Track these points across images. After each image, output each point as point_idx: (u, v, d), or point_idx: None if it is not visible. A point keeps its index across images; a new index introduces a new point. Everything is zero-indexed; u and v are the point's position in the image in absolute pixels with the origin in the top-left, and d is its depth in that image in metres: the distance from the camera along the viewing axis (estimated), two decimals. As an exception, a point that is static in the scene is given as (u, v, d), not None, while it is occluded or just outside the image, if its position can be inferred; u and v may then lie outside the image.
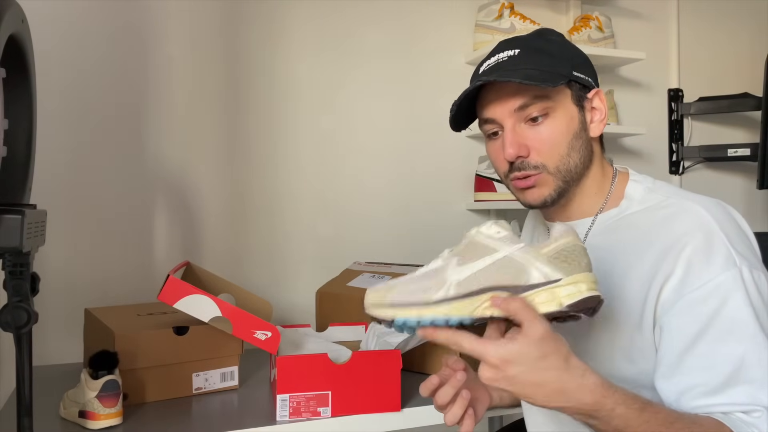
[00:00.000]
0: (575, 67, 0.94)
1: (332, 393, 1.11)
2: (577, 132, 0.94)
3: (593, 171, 0.97)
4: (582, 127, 0.95)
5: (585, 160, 0.95)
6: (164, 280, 1.14)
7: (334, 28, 1.83)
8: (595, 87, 0.97)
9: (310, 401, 1.11)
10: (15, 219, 0.78)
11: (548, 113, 0.93)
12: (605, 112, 0.97)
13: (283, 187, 1.77)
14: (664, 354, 0.85)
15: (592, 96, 0.97)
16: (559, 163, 0.94)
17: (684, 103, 2.23)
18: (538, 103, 0.92)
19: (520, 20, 1.86)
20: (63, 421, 1.11)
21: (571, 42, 1.00)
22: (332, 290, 1.54)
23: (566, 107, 0.94)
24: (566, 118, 0.94)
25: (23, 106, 0.94)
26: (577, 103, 0.95)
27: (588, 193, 0.98)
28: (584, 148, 0.95)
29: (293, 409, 1.10)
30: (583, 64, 0.96)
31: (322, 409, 1.11)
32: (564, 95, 0.94)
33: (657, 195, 0.94)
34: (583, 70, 0.96)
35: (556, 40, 0.98)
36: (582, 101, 0.95)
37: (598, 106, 0.97)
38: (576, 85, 0.95)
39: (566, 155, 0.94)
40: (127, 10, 1.62)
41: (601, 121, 0.97)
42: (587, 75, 0.96)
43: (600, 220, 0.97)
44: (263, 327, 1.14)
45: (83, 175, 1.58)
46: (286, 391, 1.10)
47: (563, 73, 0.92)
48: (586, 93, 0.96)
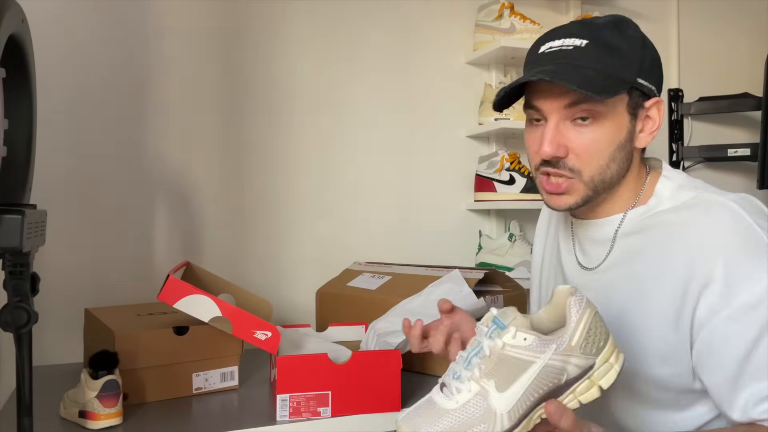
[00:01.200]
0: (642, 72, 0.88)
1: (332, 393, 1.11)
2: (622, 143, 0.89)
3: (628, 178, 0.94)
4: (629, 137, 0.90)
5: (622, 170, 0.91)
6: (164, 280, 1.14)
7: (334, 27, 1.83)
8: (657, 95, 0.91)
9: (310, 401, 1.11)
10: (15, 219, 0.78)
11: (597, 118, 0.88)
12: (659, 123, 0.91)
13: (283, 187, 1.77)
14: (722, 364, 0.83)
15: (651, 105, 0.91)
16: (595, 173, 0.89)
17: (684, 103, 2.23)
18: (589, 105, 0.87)
19: (520, 20, 1.86)
20: (63, 421, 1.11)
21: (647, 39, 0.91)
22: (332, 290, 1.54)
23: (618, 115, 0.88)
24: (614, 126, 0.88)
25: (23, 106, 0.94)
26: (631, 111, 0.89)
27: (619, 198, 0.95)
28: (625, 159, 0.90)
29: (293, 409, 1.10)
30: (651, 68, 0.90)
31: (322, 409, 1.11)
32: (620, 102, 0.88)
33: (687, 192, 0.91)
34: (650, 75, 0.89)
35: (632, 36, 0.90)
36: (637, 109, 0.90)
37: (653, 116, 0.91)
38: (636, 92, 0.89)
39: (605, 166, 0.89)
40: (127, 10, 1.62)
41: (651, 132, 0.92)
42: (652, 82, 0.90)
43: (629, 217, 0.94)
44: (263, 327, 1.14)
45: (83, 175, 1.58)
46: (286, 391, 1.10)
47: (626, 80, 0.86)
48: (644, 101, 0.90)
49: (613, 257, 0.96)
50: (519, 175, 1.84)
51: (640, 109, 0.90)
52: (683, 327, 0.85)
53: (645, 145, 0.93)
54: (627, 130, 0.89)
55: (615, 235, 0.95)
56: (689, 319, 0.85)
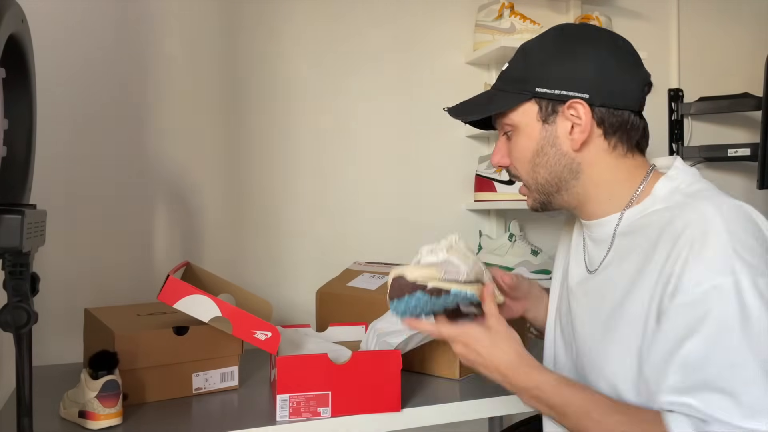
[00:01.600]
0: (544, 81, 0.94)
1: (332, 393, 1.11)
2: (539, 149, 0.96)
3: (596, 177, 0.96)
4: (549, 142, 0.96)
5: (560, 173, 0.96)
6: (164, 280, 1.14)
7: (334, 28, 1.83)
8: (575, 98, 0.93)
9: (310, 401, 1.10)
10: (15, 219, 0.78)
11: (515, 131, 0.99)
12: (584, 123, 0.93)
13: (283, 187, 1.77)
14: (655, 354, 0.86)
15: (567, 108, 0.94)
16: (528, 178, 1.00)
17: (684, 103, 2.23)
18: (501, 122, 1.00)
19: (520, 20, 1.86)
20: (63, 421, 1.11)
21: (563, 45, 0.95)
22: (332, 290, 1.54)
23: (527, 125, 0.97)
24: (526, 136, 0.97)
25: (23, 106, 0.94)
26: (543, 119, 0.95)
27: (611, 197, 0.97)
28: (555, 163, 0.96)
29: (293, 410, 1.10)
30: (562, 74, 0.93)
31: (322, 409, 1.11)
32: (527, 112, 0.96)
33: (680, 194, 0.92)
34: (560, 81, 0.93)
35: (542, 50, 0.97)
36: (552, 116, 0.95)
37: (571, 118, 0.94)
38: (545, 101, 0.95)
39: (531, 171, 0.98)
40: (127, 10, 1.62)
41: (579, 132, 0.94)
42: (564, 87, 0.93)
43: (626, 216, 0.96)
44: (263, 327, 1.14)
45: (83, 175, 1.58)
46: (286, 392, 1.09)
47: (524, 91, 0.95)
48: (560, 106, 0.94)
49: (610, 257, 0.98)
50: (519, 175, 1.84)
51: (555, 114, 0.95)
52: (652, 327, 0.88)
53: (575, 146, 0.95)
54: (541, 137, 0.96)
55: (614, 235, 0.97)
56: (655, 318, 0.87)
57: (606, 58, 0.94)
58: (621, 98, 0.94)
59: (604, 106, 0.94)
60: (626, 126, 0.95)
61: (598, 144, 0.96)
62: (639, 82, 0.95)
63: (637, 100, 0.96)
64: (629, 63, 0.96)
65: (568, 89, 0.93)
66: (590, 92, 0.93)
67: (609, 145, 0.96)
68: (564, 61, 0.94)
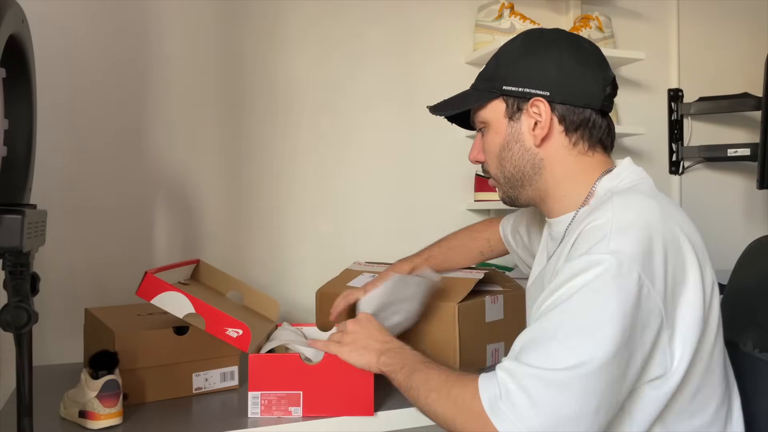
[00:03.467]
0: (510, 79, 0.99)
1: (303, 393, 1.11)
2: (506, 144, 1.01)
3: (556, 174, 1.00)
4: (514, 138, 1.00)
5: (524, 168, 1.01)
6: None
7: (334, 27, 1.83)
8: (536, 95, 0.97)
9: (282, 400, 1.11)
10: (15, 219, 0.78)
11: (486, 127, 1.04)
12: (544, 119, 0.97)
13: (283, 187, 1.77)
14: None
15: (530, 105, 0.98)
16: (496, 172, 1.05)
17: (684, 103, 2.23)
18: (475, 119, 1.07)
19: (520, 20, 1.86)
20: (63, 421, 1.11)
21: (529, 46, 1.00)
22: (332, 290, 1.54)
23: (496, 121, 1.02)
24: (494, 132, 1.03)
25: (23, 106, 0.94)
26: (510, 116, 1.00)
27: (567, 196, 1.01)
28: (519, 158, 1.01)
29: (264, 407, 1.11)
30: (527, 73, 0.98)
31: (294, 408, 1.11)
32: (496, 110, 1.02)
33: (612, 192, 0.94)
34: (524, 80, 0.98)
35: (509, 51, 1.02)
36: (518, 113, 1.00)
37: (533, 115, 0.99)
38: (511, 99, 1.00)
39: (499, 165, 1.04)
40: (127, 10, 1.62)
41: (540, 129, 0.98)
42: (528, 85, 0.98)
43: (578, 215, 0.99)
44: (235, 325, 1.15)
45: (83, 175, 1.58)
46: (258, 389, 1.10)
47: (492, 90, 1.01)
48: (524, 104, 0.99)
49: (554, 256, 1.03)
50: (519, 175, 1.84)
51: (520, 112, 1.00)
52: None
53: (536, 142, 0.99)
54: (507, 133, 1.01)
55: (564, 233, 1.01)
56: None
57: (568, 58, 0.98)
58: (581, 97, 0.97)
59: (564, 104, 0.98)
60: (587, 124, 0.98)
61: (559, 141, 0.99)
62: (601, 82, 0.98)
63: (599, 99, 0.98)
64: (591, 63, 0.99)
65: (531, 87, 0.98)
66: (551, 90, 0.97)
67: (570, 141, 0.99)
68: (529, 61, 0.99)
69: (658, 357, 0.84)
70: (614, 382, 0.80)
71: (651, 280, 0.81)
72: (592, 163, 1.00)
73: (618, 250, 0.81)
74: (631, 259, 0.81)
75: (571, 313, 0.81)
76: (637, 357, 0.81)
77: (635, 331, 0.80)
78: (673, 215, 0.89)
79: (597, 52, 1.01)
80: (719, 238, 2.28)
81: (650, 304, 0.81)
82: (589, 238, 0.85)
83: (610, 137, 1.02)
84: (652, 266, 0.82)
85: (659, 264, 0.83)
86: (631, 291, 0.80)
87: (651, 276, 0.81)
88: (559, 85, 0.97)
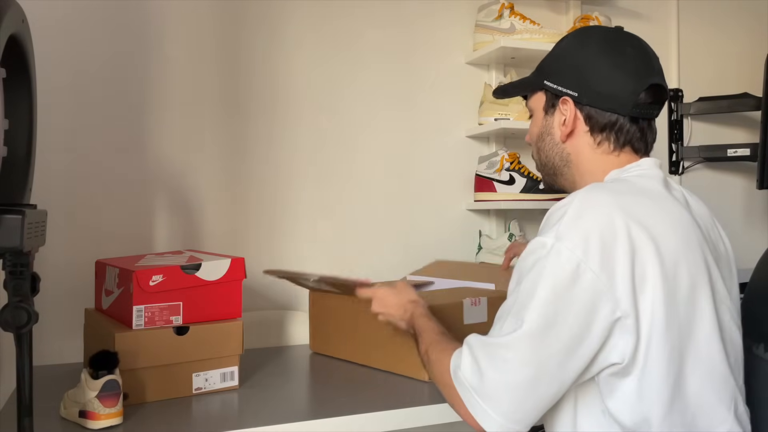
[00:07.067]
0: (551, 76, 1.05)
1: (183, 304, 1.22)
2: (541, 135, 1.09)
3: (581, 168, 1.05)
4: (547, 131, 1.08)
5: (553, 160, 1.08)
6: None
7: (334, 28, 1.83)
8: (567, 95, 1.03)
9: (164, 311, 1.21)
10: (15, 219, 0.79)
11: (533, 114, 1.12)
12: (568, 118, 1.03)
13: (283, 187, 1.77)
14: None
15: (561, 103, 1.04)
16: (536, 158, 1.13)
17: (684, 103, 2.23)
18: (528, 105, 1.13)
19: (520, 20, 1.86)
20: (63, 421, 1.11)
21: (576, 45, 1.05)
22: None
23: (537, 112, 1.10)
24: (536, 121, 1.11)
25: (23, 106, 0.95)
26: (546, 109, 1.08)
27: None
28: (549, 150, 1.08)
29: (148, 319, 1.19)
30: (563, 72, 1.04)
31: (174, 317, 1.22)
32: (539, 101, 1.09)
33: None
34: (561, 78, 1.04)
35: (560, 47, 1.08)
36: (552, 108, 1.06)
37: (563, 112, 1.04)
38: (550, 93, 1.06)
39: (537, 152, 1.12)
40: (127, 10, 1.62)
41: (565, 126, 1.04)
42: (564, 84, 1.03)
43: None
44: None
45: (83, 175, 1.58)
46: (142, 303, 1.19)
47: (537, 83, 1.08)
48: (557, 99, 1.05)
49: None
50: (519, 175, 1.84)
51: (554, 108, 1.06)
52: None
53: (561, 139, 1.05)
54: (543, 125, 1.08)
55: None
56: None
57: (603, 63, 1.01)
58: (607, 101, 1.00)
59: (591, 106, 1.02)
60: (613, 127, 1.02)
61: (584, 139, 1.04)
62: (630, 89, 0.99)
63: (626, 106, 1.00)
64: (627, 70, 1.00)
65: (565, 86, 1.03)
66: (580, 91, 1.02)
67: (594, 141, 1.03)
68: (571, 59, 1.04)
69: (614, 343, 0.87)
70: (554, 355, 0.86)
71: (596, 266, 0.86)
72: (617, 162, 1.03)
73: (562, 235, 0.88)
74: (573, 244, 0.87)
75: (518, 291, 0.90)
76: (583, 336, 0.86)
77: (570, 309, 0.86)
78: (637, 212, 0.90)
79: (639, 59, 1.01)
80: (719, 238, 2.29)
81: (594, 287, 0.85)
82: (547, 221, 0.93)
83: (644, 141, 1.04)
84: (598, 254, 0.86)
85: (607, 252, 0.86)
86: (565, 271, 0.86)
87: (596, 263, 0.86)
88: (589, 88, 1.01)
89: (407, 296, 1.21)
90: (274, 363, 1.48)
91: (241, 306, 1.30)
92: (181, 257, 1.36)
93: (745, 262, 1.25)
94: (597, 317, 0.86)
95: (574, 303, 0.86)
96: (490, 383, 0.87)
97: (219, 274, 1.27)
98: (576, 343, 0.86)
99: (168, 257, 1.38)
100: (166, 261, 1.31)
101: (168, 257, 1.38)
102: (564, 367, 0.87)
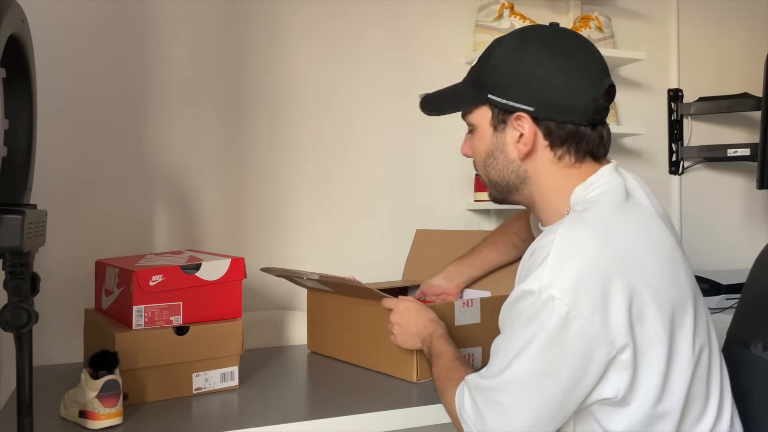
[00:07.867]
0: (497, 88, 0.97)
1: (183, 304, 1.22)
2: (490, 153, 1.01)
3: (541, 186, 0.99)
4: (499, 148, 1.00)
5: (508, 178, 1.01)
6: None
7: (334, 28, 1.83)
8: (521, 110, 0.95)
9: (164, 311, 1.20)
10: (15, 219, 0.78)
11: (474, 129, 1.04)
12: (526, 136, 0.96)
13: (282, 187, 1.77)
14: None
15: (515, 119, 0.97)
16: (483, 174, 1.06)
17: (684, 103, 2.24)
18: (466, 120, 1.05)
19: (520, 20, 1.86)
20: (63, 421, 1.11)
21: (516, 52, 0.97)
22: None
23: (482, 127, 1.01)
24: (480, 138, 1.02)
25: (23, 106, 0.95)
26: (494, 125, 0.99)
27: (543, 207, 1.02)
28: (503, 168, 1.00)
29: (148, 319, 1.18)
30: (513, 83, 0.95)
31: (174, 317, 1.21)
32: (483, 116, 1.01)
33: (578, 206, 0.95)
34: (510, 91, 0.95)
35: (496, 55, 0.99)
36: (502, 124, 0.98)
37: (517, 128, 0.97)
38: (497, 109, 0.98)
39: (484, 168, 1.04)
40: (128, 10, 1.62)
41: (523, 144, 0.97)
42: (513, 98, 0.95)
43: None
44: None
45: (83, 175, 1.58)
46: (142, 303, 1.18)
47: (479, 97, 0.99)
48: (509, 116, 0.97)
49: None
50: (519, 175, 1.84)
51: (505, 124, 0.98)
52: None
53: (519, 157, 0.98)
54: (492, 142, 1.00)
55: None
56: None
57: (555, 71, 0.94)
58: (567, 112, 0.94)
59: (549, 120, 0.95)
60: (573, 138, 0.96)
61: (544, 155, 0.98)
62: (590, 95, 0.94)
63: (585, 115, 0.94)
64: (582, 75, 0.95)
65: (516, 101, 0.95)
66: (536, 105, 0.94)
67: (555, 155, 0.97)
68: (516, 68, 0.96)
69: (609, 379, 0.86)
70: (554, 398, 0.86)
71: (587, 311, 0.83)
72: (578, 175, 0.98)
73: (548, 282, 0.84)
74: (561, 291, 0.84)
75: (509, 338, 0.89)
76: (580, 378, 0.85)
77: (564, 357, 0.84)
78: (621, 244, 0.88)
79: (589, 60, 0.96)
80: (719, 239, 2.29)
81: (586, 333, 0.83)
82: (531, 262, 0.90)
83: (603, 146, 0.99)
84: (588, 297, 0.83)
85: (598, 295, 0.83)
86: (555, 321, 0.84)
87: (587, 307, 0.83)
88: (544, 101, 0.94)
89: (429, 315, 1.21)
90: (275, 363, 1.48)
91: (241, 306, 1.30)
92: (181, 257, 1.36)
93: (745, 262, 1.25)
94: (593, 360, 0.85)
95: (568, 351, 0.84)
96: (493, 428, 0.89)
97: (219, 274, 1.27)
98: (574, 385, 0.86)
99: (168, 257, 1.38)
100: (166, 261, 1.31)
101: (168, 257, 1.38)
102: (563, 407, 0.88)
